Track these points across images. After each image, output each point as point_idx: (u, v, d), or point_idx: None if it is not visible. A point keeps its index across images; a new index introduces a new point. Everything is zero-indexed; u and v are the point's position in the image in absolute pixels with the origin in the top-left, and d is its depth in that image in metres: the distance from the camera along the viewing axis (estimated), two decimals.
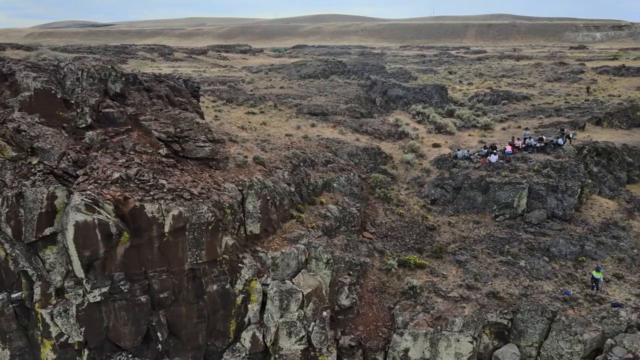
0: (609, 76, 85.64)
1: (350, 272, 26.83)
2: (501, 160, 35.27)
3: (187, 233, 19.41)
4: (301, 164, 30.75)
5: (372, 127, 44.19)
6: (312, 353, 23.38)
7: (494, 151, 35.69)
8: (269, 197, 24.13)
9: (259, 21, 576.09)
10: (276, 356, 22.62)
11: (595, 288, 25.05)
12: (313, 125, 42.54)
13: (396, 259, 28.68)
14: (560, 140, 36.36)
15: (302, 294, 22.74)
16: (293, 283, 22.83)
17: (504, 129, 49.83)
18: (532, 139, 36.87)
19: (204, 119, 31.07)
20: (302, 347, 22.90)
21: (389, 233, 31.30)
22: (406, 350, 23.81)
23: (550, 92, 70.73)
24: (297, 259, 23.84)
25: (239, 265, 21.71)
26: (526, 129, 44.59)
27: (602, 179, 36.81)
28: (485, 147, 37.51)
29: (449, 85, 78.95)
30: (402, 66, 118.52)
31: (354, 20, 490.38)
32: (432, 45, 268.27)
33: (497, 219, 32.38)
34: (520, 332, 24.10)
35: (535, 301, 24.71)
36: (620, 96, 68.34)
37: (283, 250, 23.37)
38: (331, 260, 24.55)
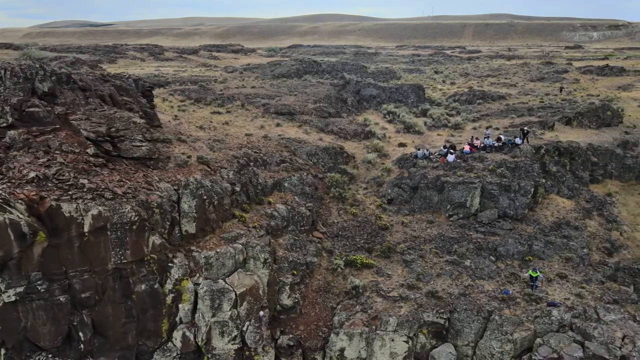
0: (592, 76, 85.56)
1: (294, 272, 26.86)
2: (459, 160, 35.27)
3: (109, 233, 19.47)
4: (251, 163, 30.80)
5: (338, 127, 44.22)
6: (247, 353, 23.43)
7: (452, 151, 35.69)
8: (205, 197, 24.18)
9: (258, 21, 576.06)
10: (209, 356, 22.68)
11: (534, 287, 25.03)
12: (278, 125, 42.60)
13: (343, 259, 28.72)
14: (517, 140, 36.36)
15: (235, 294, 22.78)
16: (226, 282, 22.87)
17: (474, 128, 49.84)
18: (490, 139, 36.85)
19: (155, 118, 31.15)
20: (235, 346, 22.95)
21: (340, 233, 31.33)
22: (342, 350, 23.85)
23: (529, 92, 70.72)
24: (233, 258, 23.88)
25: (169, 264, 21.77)
26: (487, 128, 44.68)
27: (560, 179, 36.81)
28: (444, 147, 37.51)
29: (431, 85, 79.05)
30: (390, 65, 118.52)
31: (352, 20, 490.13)
32: (429, 45, 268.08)
33: (451, 219, 32.39)
34: (457, 331, 24.12)
35: (473, 301, 24.74)
36: (599, 96, 68.42)
37: (218, 250, 23.42)
38: (269, 260, 24.58)
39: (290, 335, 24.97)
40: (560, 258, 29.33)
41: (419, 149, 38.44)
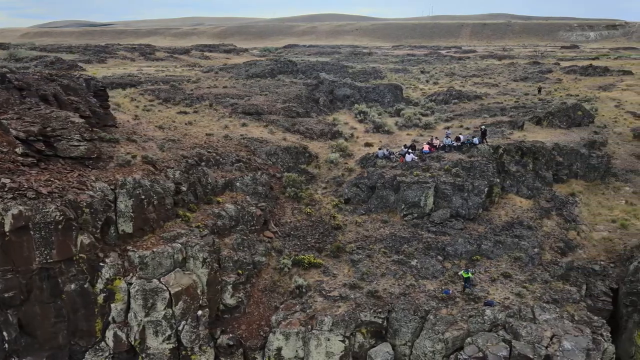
0: (575, 76, 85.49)
1: (240, 272, 26.92)
2: (417, 160, 35.30)
3: (32, 232, 19.55)
4: (202, 163, 30.86)
5: (305, 127, 44.27)
6: (183, 352, 23.49)
7: (410, 151, 35.73)
8: (144, 197, 24.24)
9: (257, 20, 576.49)
10: (143, 355, 22.74)
11: (467, 288, 25.04)
12: (244, 125, 42.66)
13: (291, 259, 28.76)
14: (475, 140, 36.38)
15: (170, 293, 22.84)
16: (160, 282, 22.93)
17: (446, 128, 49.80)
18: (449, 139, 36.86)
19: (109, 118, 31.23)
20: (170, 346, 23.01)
21: (292, 232, 31.37)
22: (279, 349, 23.91)
23: (510, 92, 70.70)
24: (172, 257, 23.95)
25: (100, 264, 21.84)
26: (447, 128, 44.69)
27: (519, 179, 36.81)
28: (405, 146, 37.54)
29: (413, 85, 79.06)
30: (379, 65, 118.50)
31: (352, 20, 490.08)
32: (425, 45, 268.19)
33: (405, 218, 32.41)
34: (395, 331, 24.16)
35: (412, 300, 24.78)
36: (578, 95, 68.45)
37: (155, 249, 23.48)
38: (208, 260, 24.64)
39: (230, 335, 25.04)
40: (509, 257, 29.33)
41: (380, 149, 38.46)
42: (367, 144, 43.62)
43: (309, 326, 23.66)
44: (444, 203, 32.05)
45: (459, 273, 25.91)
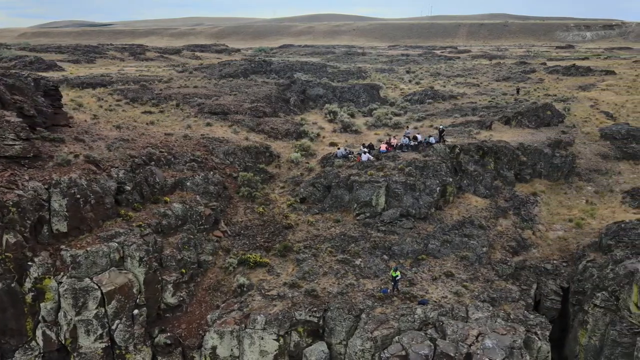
0: (557, 76, 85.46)
1: (183, 271, 26.98)
2: (373, 159, 35.34)
3: None
4: (152, 163, 30.92)
5: (270, 126, 44.33)
6: (117, 351, 23.55)
7: (366, 150, 35.78)
8: (79, 196, 24.32)
9: (257, 20, 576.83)
10: (75, 354, 22.80)
11: (394, 287, 25.01)
12: (208, 125, 42.72)
13: (238, 258, 28.81)
14: (431, 139, 36.40)
15: (101, 292, 22.90)
16: (92, 281, 22.99)
17: (415, 127, 49.81)
18: (406, 138, 36.89)
19: (61, 118, 31.31)
20: (102, 345, 23.08)
21: (242, 232, 31.44)
22: (214, 348, 23.97)
23: (488, 92, 70.69)
24: (108, 257, 24.02)
25: (28, 263, 21.93)
26: (407, 127, 44.69)
27: (477, 178, 36.83)
28: (364, 145, 37.58)
29: (394, 85, 79.04)
30: (365, 65, 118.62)
31: (351, 19, 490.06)
32: (420, 45, 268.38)
33: (358, 218, 32.43)
34: (331, 330, 24.20)
35: (349, 300, 24.81)
36: (556, 95, 68.50)
37: (89, 249, 23.55)
38: (145, 259, 24.70)
39: (169, 334, 25.10)
40: (456, 257, 29.36)
41: (339, 149, 38.50)
42: (332, 144, 43.63)
43: (243, 325, 23.70)
44: (395, 202, 32.07)
45: (389, 273, 25.86)
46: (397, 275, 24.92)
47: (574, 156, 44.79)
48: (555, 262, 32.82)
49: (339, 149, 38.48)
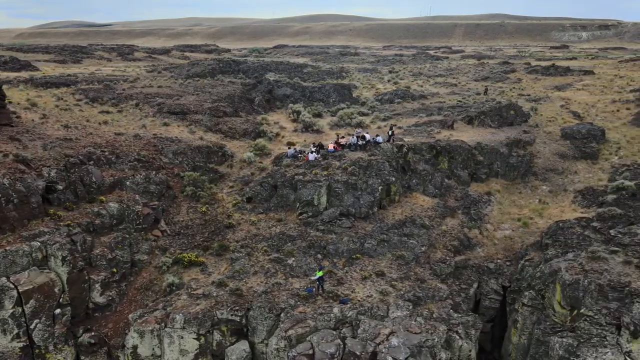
0: (536, 75, 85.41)
1: (114, 270, 26.98)
2: (320, 158, 35.33)
3: None
4: (91, 162, 30.94)
5: (228, 126, 44.35)
6: (37, 351, 23.55)
7: (313, 149, 35.78)
8: (1, 195, 24.33)
9: (255, 21, 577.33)
10: None
11: (319, 287, 24.97)
12: (165, 124, 42.78)
13: (173, 257, 28.80)
14: (379, 139, 36.37)
15: (18, 291, 22.90)
16: (9, 280, 23.00)
17: (379, 127, 49.83)
18: (354, 137, 36.88)
19: (2, 117, 31.35)
20: (20, 344, 23.08)
21: (182, 231, 31.43)
22: (135, 348, 23.95)
23: (463, 91, 70.63)
24: (29, 256, 24.03)
25: None
26: (358, 126, 44.68)
27: (426, 177, 36.79)
28: (314, 145, 37.58)
29: (371, 85, 78.99)
30: (350, 65, 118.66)
31: (348, 20, 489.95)
32: (415, 45, 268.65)
33: (300, 217, 32.40)
34: (253, 329, 24.16)
35: (272, 299, 24.77)
36: (529, 95, 68.43)
37: (8, 248, 23.56)
38: (69, 258, 24.69)
39: (93, 333, 25.09)
40: (392, 256, 29.30)
41: (289, 148, 38.49)
42: (290, 143, 43.61)
43: (163, 324, 23.68)
44: (337, 202, 32.05)
45: (315, 273, 25.79)
46: (321, 275, 24.86)
47: (532, 155, 44.76)
48: (499, 261, 32.76)
49: (289, 148, 38.48)
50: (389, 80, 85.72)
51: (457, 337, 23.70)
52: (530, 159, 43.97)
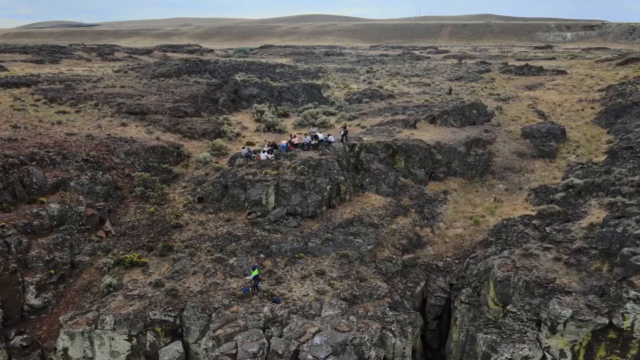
0: (509, 75, 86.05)
1: (52, 272, 26.70)
2: (272, 158, 35.26)
3: None
4: (35, 162, 30.60)
5: (187, 126, 44.11)
6: None
7: (264, 149, 35.71)
8: None
9: (243, 21, 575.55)
10: None
11: (254, 287, 24.91)
12: (123, 125, 42.46)
13: (115, 258, 28.56)
14: (330, 138, 36.38)
15: None
16: None
17: (344, 127, 49.77)
18: (307, 137, 36.87)
19: None
20: None
21: (128, 232, 31.17)
22: (65, 350, 23.70)
23: (434, 91, 70.93)
24: None
25: None
26: (313, 125, 44.71)
27: (379, 177, 36.86)
28: (268, 144, 37.50)
29: (344, 84, 79.04)
30: (329, 65, 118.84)
31: (337, 20, 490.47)
32: (402, 45, 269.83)
33: (249, 217, 32.31)
34: (187, 329, 24.03)
35: (207, 299, 24.65)
36: (499, 95, 68.90)
37: None
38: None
39: (25, 336, 24.79)
40: (336, 255, 29.29)
41: (243, 148, 38.39)
42: (249, 143, 43.48)
43: (94, 326, 23.46)
44: (284, 201, 31.99)
45: (251, 272, 25.70)
46: (256, 274, 24.80)
47: (491, 154, 45.07)
48: (448, 259, 32.95)
49: (243, 148, 38.37)
50: (364, 80, 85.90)
51: (391, 335, 23.75)
52: (489, 158, 44.28)
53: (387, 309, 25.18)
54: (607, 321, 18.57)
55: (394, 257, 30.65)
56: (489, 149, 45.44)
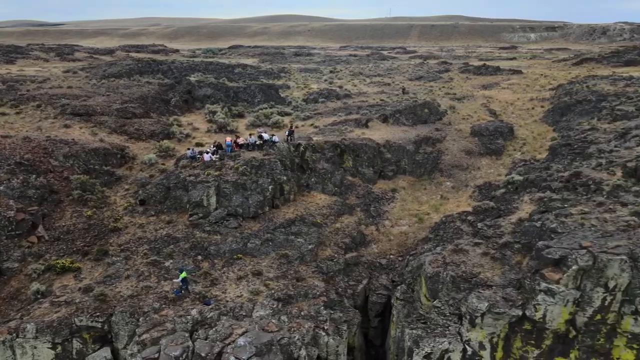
0: (467, 75, 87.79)
1: None
2: (215, 159, 34.88)
3: None
4: None
5: (135, 128, 43.21)
6: None
7: (208, 150, 35.31)
8: None
9: (215, 21, 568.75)
10: None
11: (183, 288, 24.60)
12: (66, 126, 41.23)
13: (46, 264, 27.66)
14: (275, 138, 36.27)
15: None
16: None
17: (297, 126, 49.71)
18: (253, 137, 36.65)
19: None
20: None
21: (63, 236, 30.26)
22: None
23: (392, 91, 71.69)
24: None
25: None
26: (257, 126, 44.66)
27: (325, 176, 36.96)
28: (214, 145, 37.08)
29: (304, 84, 79.01)
30: (297, 65, 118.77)
31: (308, 21, 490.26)
32: (371, 46, 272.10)
33: (191, 218, 31.84)
34: (116, 334, 23.47)
35: (137, 303, 24.15)
36: (455, 94, 70.13)
37: None
38: None
39: None
40: (276, 255, 29.17)
41: (188, 149, 37.84)
42: (198, 144, 42.89)
43: (15, 334, 22.65)
44: (226, 202, 31.69)
45: (179, 273, 25.32)
46: (184, 276, 24.44)
47: (440, 152, 45.84)
48: (391, 257, 33.32)
49: (188, 149, 37.82)
50: (325, 80, 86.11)
51: (324, 333, 23.79)
52: (437, 156, 45.03)
53: (322, 307, 25.20)
54: (520, 313, 19.08)
55: (336, 255, 30.76)
56: (438, 147, 46.22)
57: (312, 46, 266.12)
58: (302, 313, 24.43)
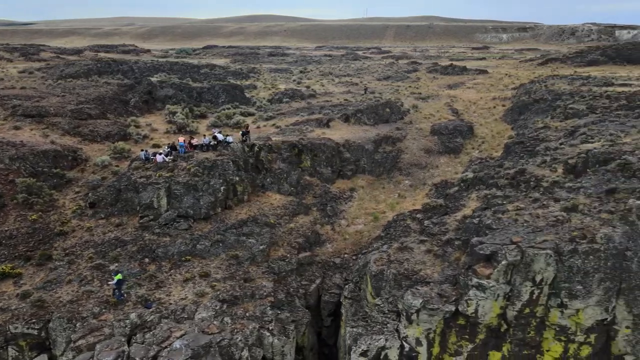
0: (434, 75, 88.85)
1: None
2: (168, 160, 34.38)
3: None
4: None
5: (89, 129, 42.27)
6: None
7: (161, 152, 34.81)
8: None
9: (190, 21, 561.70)
10: None
11: (118, 292, 24.14)
12: (16, 128, 40.09)
13: None
14: (229, 139, 36.01)
15: None
16: None
17: (258, 127, 49.48)
18: (207, 138, 36.31)
19: None
20: None
21: (5, 241, 29.29)
22: None
23: (357, 91, 72.01)
24: None
25: None
26: (214, 126, 44.43)
27: (280, 176, 36.86)
28: (168, 146, 36.58)
29: (271, 84, 78.73)
30: (268, 65, 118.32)
31: (284, 20, 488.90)
32: (346, 46, 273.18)
33: (141, 221, 31.30)
34: (54, 341, 22.89)
35: (77, 308, 23.60)
36: (421, 93, 70.84)
37: None
38: None
39: None
40: (225, 256, 28.92)
41: (142, 150, 37.22)
42: (156, 145, 42.26)
43: None
44: (177, 204, 31.27)
45: (113, 276, 24.76)
46: (120, 279, 23.99)
47: (400, 151, 46.27)
48: (346, 256, 33.40)
49: (142, 150, 37.19)
50: (294, 81, 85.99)
51: (268, 334, 23.69)
52: (397, 155, 45.44)
53: (268, 308, 25.10)
54: (454, 308, 19.35)
55: (289, 255, 30.65)
56: (398, 147, 46.64)
57: (288, 46, 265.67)
58: (247, 314, 24.28)
